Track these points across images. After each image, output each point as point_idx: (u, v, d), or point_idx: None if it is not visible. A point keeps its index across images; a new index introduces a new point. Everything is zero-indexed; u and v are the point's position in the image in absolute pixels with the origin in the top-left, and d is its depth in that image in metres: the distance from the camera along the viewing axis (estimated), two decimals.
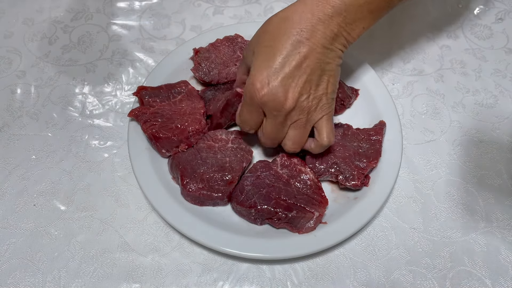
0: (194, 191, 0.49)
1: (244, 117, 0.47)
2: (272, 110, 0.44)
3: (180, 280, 0.47)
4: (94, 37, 0.67)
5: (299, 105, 0.44)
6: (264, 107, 0.44)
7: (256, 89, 0.43)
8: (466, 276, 0.48)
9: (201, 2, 0.71)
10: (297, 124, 0.46)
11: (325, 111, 0.46)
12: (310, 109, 0.45)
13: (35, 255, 0.49)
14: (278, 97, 0.43)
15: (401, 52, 0.66)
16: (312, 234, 0.47)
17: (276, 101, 0.43)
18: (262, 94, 0.43)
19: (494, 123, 0.59)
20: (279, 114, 0.44)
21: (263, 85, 0.43)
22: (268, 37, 0.44)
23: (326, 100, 0.45)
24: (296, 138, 0.47)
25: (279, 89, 0.43)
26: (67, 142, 0.56)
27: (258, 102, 0.44)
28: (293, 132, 0.46)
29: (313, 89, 0.44)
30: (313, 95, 0.44)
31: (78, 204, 0.52)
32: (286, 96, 0.43)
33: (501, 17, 0.70)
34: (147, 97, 0.54)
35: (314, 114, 0.45)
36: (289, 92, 0.43)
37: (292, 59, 0.42)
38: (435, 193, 0.53)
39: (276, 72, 0.43)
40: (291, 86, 0.43)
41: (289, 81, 0.43)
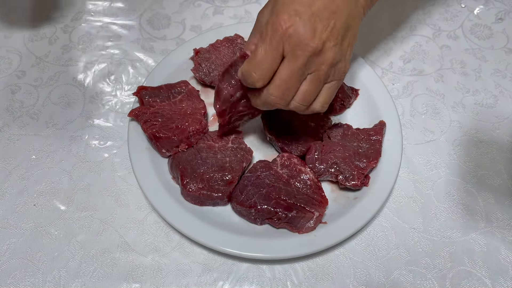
0: (194, 191, 0.49)
1: (259, 58, 0.40)
2: (296, 47, 0.39)
3: (180, 280, 0.47)
4: (94, 37, 0.67)
5: (325, 49, 0.40)
6: (287, 42, 0.39)
7: (282, 20, 0.38)
8: (466, 276, 0.48)
9: (201, 2, 0.71)
10: (316, 76, 0.41)
11: (337, 77, 0.43)
12: (332, 62, 0.40)
13: (35, 255, 0.49)
14: (306, 31, 0.38)
15: (401, 52, 0.66)
16: (312, 234, 0.47)
17: (303, 36, 0.38)
18: (289, 25, 0.38)
19: (494, 123, 0.59)
20: (303, 54, 0.39)
21: (291, 16, 0.38)
22: None
23: (344, 63, 0.42)
24: (308, 93, 0.42)
25: (308, 23, 0.38)
26: (67, 142, 0.56)
27: (282, 35, 0.38)
28: (310, 85, 0.41)
29: (339, 41, 0.40)
30: (338, 48, 0.40)
31: (78, 204, 0.52)
32: (314, 33, 0.38)
33: (501, 17, 0.70)
34: (147, 97, 0.54)
35: (331, 72, 0.42)
36: (317, 31, 0.39)
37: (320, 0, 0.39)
38: (435, 193, 0.53)
39: (306, 6, 0.39)
40: (320, 26, 0.39)
41: (318, 20, 0.39)
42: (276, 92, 0.41)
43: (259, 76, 0.41)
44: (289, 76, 0.40)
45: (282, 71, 0.40)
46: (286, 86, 0.41)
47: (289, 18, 0.38)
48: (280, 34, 0.39)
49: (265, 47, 0.40)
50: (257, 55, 0.40)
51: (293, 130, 0.54)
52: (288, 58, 0.40)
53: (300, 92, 0.42)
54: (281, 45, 0.39)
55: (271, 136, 0.53)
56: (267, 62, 0.40)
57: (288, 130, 0.54)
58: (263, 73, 0.40)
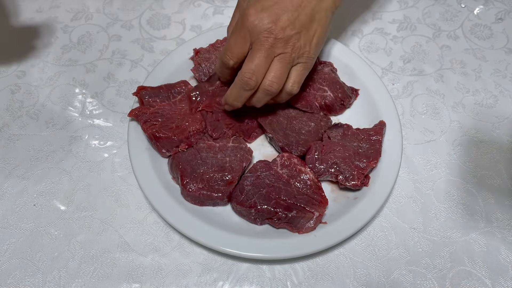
0: (194, 191, 0.49)
1: (231, 42, 0.48)
2: (260, 34, 0.45)
3: (180, 280, 0.47)
4: (94, 37, 0.67)
5: (287, 35, 0.46)
6: (253, 32, 0.46)
7: (248, 13, 0.46)
8: (466, 276, 0.48)
9: (201, 2, 0.71)
10: (282, 57, 0.47)
11: (304, 60, 0.49)
12: (294, 47, 0.47)
13: (35, 255, 0.49)
14: (269, 20, 0.45)
15: (401, 52, 0.66)
16: (312, 234, 0.47)
17: (266, 24, 0.45)
18: (254, 17, 0.45)
19: (494, 123, 0.59)
20: (267, 39, 0.45)
21: (256, 11, 0.46)
22: None
23: (309, 49, 0.48)
24: (278, 72, 0.47)
25: (271, 15, 0.45)
26: (67, 142, 0.56)
27: (249, 26, 0.46)
28: (277, 64, 0.47)
29: (303, 30, 0.47)
30: (301, 35, 0.47)
31: (78, 204, 0.52)
32: (277, 22, 0.45)
33: (501, 17, 0.70)
34: (147, 97, 0.54)
35: (297, 56, 0.48)
36: (279, 20, 0.46)
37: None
38: (435, 193, 0.53)
39: (271, 2, 0.46)
40: (283, 16, 0.46)
41: (281, 11, 0.46)
42: (248, 68, 0.47)
43: (230, 57, 0.48)
44: (258, 57, 0.46)
45: (251, 53, 0.47)
46: (256, 64, 0.46)
47: (255, 12, 0.46)
48: (247, 26, 0.46)
49: (235, 36, 0.48)
50: (229, 41, 0.48)
51: (293, 130, 0.54)
52: (255, 43, 0.46)
53: (270, 71, 0.47)
54: (248, 35, 0.46)
55: (271, 136, 0.53)
56: (237, 47, 0.48)
57: (288, 130, 0.54)
58: (233, 54, 0.48)
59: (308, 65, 0.50)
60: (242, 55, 0.48)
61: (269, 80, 0.47)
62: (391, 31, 0.68)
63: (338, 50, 0.61)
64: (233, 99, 0.49)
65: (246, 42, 0.47)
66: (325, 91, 0.57)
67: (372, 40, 0.67)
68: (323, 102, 0.57)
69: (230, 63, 0.49)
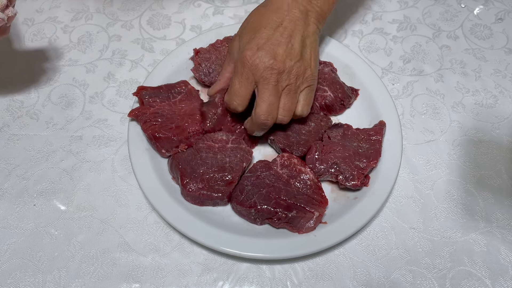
0: (194, 191, 0.49)
1: (235, 87, 0.49)
2: (264, 72, 0.47)
3: (180, 280, 0.47)
4: (94, 37, 0.67)
5: (288, 67, 0.48)
6: (255, 71, 0.47)
7: (247, 56, 0.47)
8: (466, 276, 0.48)
9: (201, 2, 0.71)
10: (288, 89, 0.49)
11: (309, 82, 0.50)
12: (298, 75, 0.49)
13: (35, 255, 0.49)
14: (268, 58, 0.47)
15: (401, 52, 0.66)
16: (312, 234, 0.47)
17: (267, 61, 0.47)
18: (254, 58, 0.47)
19: (494, 123, 0.59)
20: (271, 76, 0.47)
21: (253, 52, 0.47)
22: (252, 21, 0.51)
23: (310, 71, 0.50)
24: (288, 105, 0.49)
25: (268, 51, 0.47)
26: (67, 142, 0.56)
27: (250, 66, 0.47)
28: (286, 98, 0.49)
29: (300, 58, 0.49)
30: (300, 62, 0.49)
31: (78, 204, 0.52)
32: (275, 57, 0.47)
33: (501, 17, 0.70)
34: (147, 97, 0.54)
35: (301, 82, 0.50)
36: (277, 54, 0.47)
37: (277, 30, 0.49)
38: (435, 193, 0.53)
39: (264, 40, 0.48)
40: (279, 50, 0.48)
41: (276, 46, 0.48)
42: (262, 110, 0.48)
43: (238, 103, 0.50)
44: (268, 96, 0.48)
45: (260, 94, 0.48)
46: (268, 104, 0.48)
47: (252, 53, 0.47)
48: (249, 67, 0.48)
49: (238, 79, 0.49)
50: (234, 87, 0.49)
51: (294, 130, 0.54)
52: (260, 83, 0.48)
53: (281, 106, 0.49)
54: (251, 75, 0.48)
55: (271, 137, 0.53)
56: (242, 90, 0.49)
57: (289, 131, 0.54)
58: (240, 99, 0.49)
59: (313, 87, 0.52)
60: (248, 97, 0.50)
61: (281, 115, 0.50)
62: (391, 31, 0.68)
63: (338, 50, 0.61)
64: (255, 134, 0.52)
65: (250, 83, 0.48)
66: (325, 91, 0.57)
67: (372, 40, 0.67)
68: (323, 102, 0.57)
69: (239, 109, 0.50)
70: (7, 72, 0.63)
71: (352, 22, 0.69)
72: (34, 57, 0.64)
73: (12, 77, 0.62)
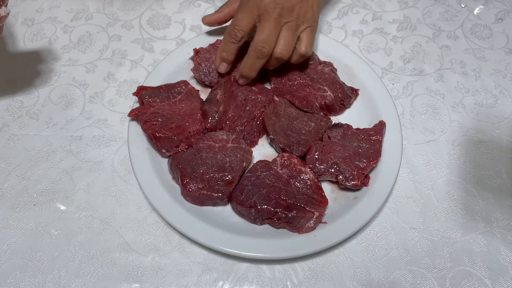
0: (194, 191, 0.49)
1: (238, 18, 0.51)
2: (268, 5, 0.49)
3: (180, 280, 0.47)
4: (94, 37, 0.67)
5: (291, 4, 0.50)
6: (260, 3, 0.50)
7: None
8: (466, 276, 0.48)
9: (201, 2, 0.71)
10: (289, 25, 0.51)
11: (310, 23, 0.53)
12: (299, 15, 0.51)
13: (35, 255, 0.49)
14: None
15: (401, 52, 0.66)
16: (312, 234, 0.47)
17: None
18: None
19: (494, 123, 0.59)
20: (275, 8, 0.49)
21: None
22: None
23: (312, 13, 0.52)
24: (287, 39, 0.51)
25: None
26: (67, 142, 0.56)
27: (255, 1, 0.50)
28: (286, 32, 0.51)
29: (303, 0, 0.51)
30: (303, 3, 0.51)
31: (78, 204, 0.52)
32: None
33: (501, 17, 0.70)
34: (147, 97, 0.54)
35: (302, 21, 0.52)
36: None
37: None
38: (435, 193, 0.53)
39: None
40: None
41: None
42: (261, 38, 0.51)
43: (238, 29, 0.52)
44: (268, 27, 0.50)
45: (261, 24, 0.51)
46: (267, 34, 0.50)
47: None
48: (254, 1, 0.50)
49: (242, 10, 0.51)
50: (238, 16, 0.52)
51: (294, 130, 0.54)
52: (263, 15, 0.50)
53: (281, 38, 0.51)
54: (255, 9, 0.50)
55: (272, 137, 0.53)
56: (245, 20, 0.51)
57: (289, 131, 0.54)
58: (242, 27, 0.52)
59: (314, 28, 0.54)
60: (250, 28, 0.52)
61: (279, 48, 0.51)
62: (391, 31, 0.68)
63: (338, 50, 0.61)
64: (249, 69, 0.54)
65: (253, 15, 0.51)
66: (325, 91, 0.57)
67: (372, 40, 0.67)
68: (323, 102, 0.57)
69: (238, 35, 0.52)
70: (7, 72, 0.63)
71: (352, 22, 0.69)
72: (34, 57, 0.64)
73: (12, 77, 0.62)
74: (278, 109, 0.56)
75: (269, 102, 0.57)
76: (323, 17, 0.70)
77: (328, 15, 0.70)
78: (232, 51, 0.54)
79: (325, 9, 0.71)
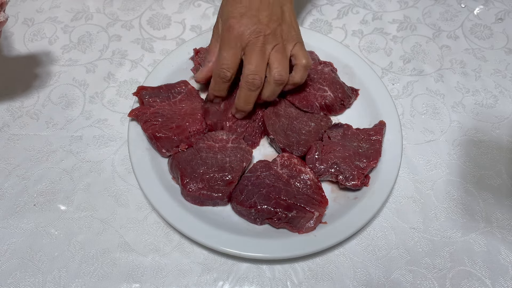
0: (194, 191, 0.49)
1: (223, 57, 0.50)
2: (250, 36, 0.49)
3: (180, 280, 0.47)
4: (94, 37, 0.67)
5: (273, 29, 0.49)
6: (242, 37, 0.49)
7: (231, 23, 0.49)
8: (466, 276, 0.48)
9: (201, 2, 0.71)
10: (277, 48, 0.50)
11: (296, 39, 0.52)
12: (283, 36, 0.51)
13: (35, 255, 0.49)
14: (253, 23, 0.49)
15: (401, 52, 0.66)
16: (312, 234, 0.47)
17: (252, 26, 0.48)
18: (238, 25, 0.49)
19: (494, 123, 0.59)
20: (258, 38, 0.49)
21: (237, 19, 0.49)
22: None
23: (295, 32, 0.52)
24: (280, 61, 0.50)
25: (252, 17, 0.49)
26: (67, 142, 0.56)
27: (236, 34, 0.49)
28: (276, 55, 0.50)
29: (281, 20, 0.51)
30: (284, 25, 0.51)
31: (78, 204, 0.52)
32: (260, 21, 0.49)
33: (501, 17, 0.70)
34: (147, 97, 0.54)
35: (287, 41, 0.51)
36: (261, 19, 0.49)
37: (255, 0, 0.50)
38: (435, 193, 0.53)
39: (245, 8, 0.49)
40: (262, 14, 0.49)
41: (258, 12, 0.49)
42: (250, 70, 0.49)
43: (227, 69, 0.50)
44: (254, 57, 0.49)
45: (247, 57, 0.49)
46: (255, 65, 0.49)
47: (237, 21, 0.49)
48: (235, 34, 0.49)
49: (225, 48, 0.50)
50: (222, 55, 0.50)
51: (294, 130, 0.54)
52: (248, 47, 0.49)
53: (273, 62, 0.50)
54: (238, 43, 0.49)
55: (272, 137, 0.53)
56: (230, 58, 0.50)
57: (289, 131, 0.54)
58: (229, 65, 0.50)
59: (302, 43, 0.53)
60: (237, 64, 0.50)
61: (276, 71, 0.50)
62: (391, 31, 0.68)
63: (338, 50, 0.61)
64: (244, 103, 0.52)
65: (237, 51, 0.49)
66: (325, 91, 0.57)
67: (372, 40, 0.67)
68: (323, 102, 0.57)
69: (228, 75, 0.51)
70: (7, 72, 0.63)
71: (352, 22, 0.69)
72: (34, 57, 0.64)
73: (12, 77, 0.62)
74: (278, 109, 0.56)
75: None
76: (323, 17, 0.70)
77: (328, 15, 0.70)
78: (224, 89, 0.53)
79: (325, 9, 0.71)
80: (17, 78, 0.62)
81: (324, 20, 0.69)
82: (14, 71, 0.63)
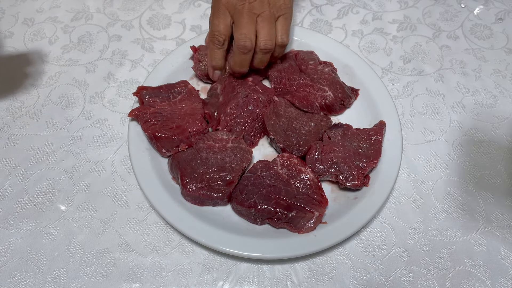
0: (194, 191, 0.49)
1: (214, 25, 0.53)
2: (236, 3, 0.51)
3: (180, 280, 0.47)
4: (94, 37, 0.67)
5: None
6: (229, 5, 0.51)
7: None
8: (466, 276, 0.48)
9: (201, 2, 0.71)
10: (263, 16, 0.52)
11: (283, 11, 0.53)
12: (270, 4, 0.52)
13: (35, 255, 0.49)
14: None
15: (401, 52, 0.66)
16: (312, 234, 0.47)
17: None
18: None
19: (494, 123, 0.59)
20: (244, 5, 0.51)
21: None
22: None
23: (283, 1, 0.53)
24: (266, 29, 0.52)
25: None
26: (67, 142, 0.56)
27: (223, 3, 0.51)
28: (262, 23, 0.52)
29: None
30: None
31: (78, 204, 0.52)
32: None
33: (501, 17, 0.70)
34: (147, 97, 0.54)
35: (275, 10, 0.52)
36: None
37: None
38: (435, 193, 0.53)
39: None
40: None
41: None
42: (240, 35, 0.51)
43: (219, 34, 0.53)
44: (242, 22, 0.51)
45: (235, 24, 0.52)
46: (244, 26, 0.51)
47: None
48: (223, 3, 0.52)
49: (215, 16, 0.53)
50: (213, 24, 0.53)
51: (294, 130, 0.54)
52: (235, 14, 0.52)
53: (260, 30, 0.52)
54: (226, 11, 0.52)
55: (272, 137, 0.53)
56: (221, 24, 0.53)
57: (289, 131, 0.54)
58: (221, 31, 0.53)
59: (288, 15, 0.54)
60: (228, 30, 0.53)
61: (262, 40, 0.52)
62: (391, 31, 0.68)
63: (338, 50, 0.61)
64: (239, 66, 0.54)
65: (227, 18, 0.52)
66: (325, 91, 0.57)
67: (372, 40, 0.67)
68: (323, 102, 0.57)
69: (220, 39, 0.53)
70: (7, 72, 0.63)
71: (352, 22, 0.69)
72: (34, 57, 0.64)
73: (12, 77, 0.62)
74: (278, 109, 0.56)
75: (270, 102, 0.57)
76: (323, 17, 0.70)
77: (328, 15, 0.70)
78: (220, 56, 0.55)
79: (325, 9, 0.71)
80: (17, 78, 0.62)
81: (324, 20, 0.69)
82: (14, 71, 0.63)
